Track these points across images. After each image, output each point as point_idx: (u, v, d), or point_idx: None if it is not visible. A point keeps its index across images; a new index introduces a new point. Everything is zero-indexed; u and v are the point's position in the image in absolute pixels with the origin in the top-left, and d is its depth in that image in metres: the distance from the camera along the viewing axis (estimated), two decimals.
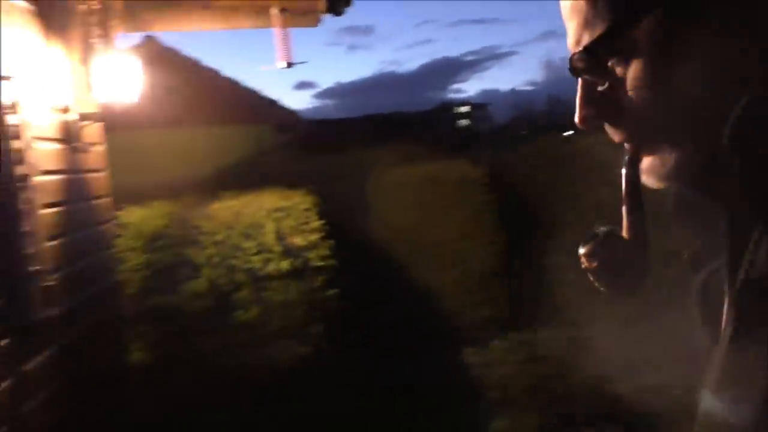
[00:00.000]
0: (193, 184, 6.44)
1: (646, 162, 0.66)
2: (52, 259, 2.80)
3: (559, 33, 0.73)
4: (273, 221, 4.81)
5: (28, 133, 2.55)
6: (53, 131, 2.96)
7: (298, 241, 4.87)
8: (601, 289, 0.78)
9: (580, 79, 0.67)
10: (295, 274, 4.72)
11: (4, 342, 2.38)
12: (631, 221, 0.73)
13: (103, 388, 3.40)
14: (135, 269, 4.46)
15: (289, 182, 5.91)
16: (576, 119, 0.68)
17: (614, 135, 0.68)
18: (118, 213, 4.38)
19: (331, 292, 4.81)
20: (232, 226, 4.64)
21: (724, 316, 0.59)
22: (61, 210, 2.98)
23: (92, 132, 3.37)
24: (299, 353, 4.29)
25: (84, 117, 3.18)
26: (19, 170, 2.47)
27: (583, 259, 0.79)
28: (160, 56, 8.54)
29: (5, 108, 2.36)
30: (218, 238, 4.53)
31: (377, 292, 5.59)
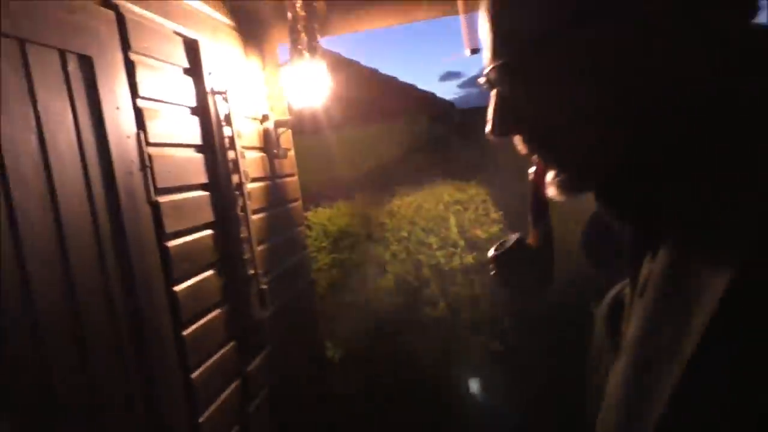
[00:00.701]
0: (368, 182, 6.56)
1: (551, 176, 0.67)
2: (261, 263, 2.91)
3: None
4: (453, 214, 4.73)
5: (239, 144, 2.66)
6: (256, 140, 3.09)
7: (479, 233, 4.74)
8: (506, 291, 0.82)
9: (493, 91, 0.67)
10: (479, 268, 4.61)
11: (231, 344, 2.50)
12: (537, 231, 0.77)
13: (308, 384, 3.52)
14: (324, 268, 4.59)
15: (460, 173, 5.80)
16: (487, 130, 0.68)
17: (522, 148, 0.68)
18: (307, 214, 4.54)
19: None
20: (414, 221, 4.62)
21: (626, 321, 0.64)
22: (266, 215, 3.10)
23: (286, 138, 3.48)
24: (491, 349, 4.17)
25: (279, 124, 3.28)
26: (235, 179, 2.58)
27: (491, 264, 0.84)
28: (327, 62, 8.80)
29: (222, 121, 2.47)
30: (402, 234, 4.54)
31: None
